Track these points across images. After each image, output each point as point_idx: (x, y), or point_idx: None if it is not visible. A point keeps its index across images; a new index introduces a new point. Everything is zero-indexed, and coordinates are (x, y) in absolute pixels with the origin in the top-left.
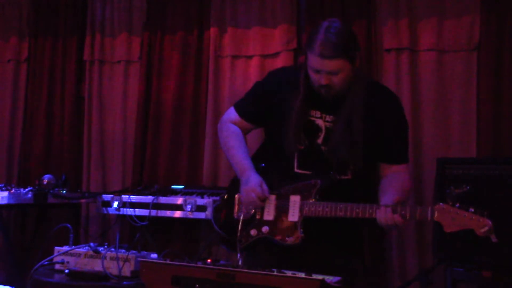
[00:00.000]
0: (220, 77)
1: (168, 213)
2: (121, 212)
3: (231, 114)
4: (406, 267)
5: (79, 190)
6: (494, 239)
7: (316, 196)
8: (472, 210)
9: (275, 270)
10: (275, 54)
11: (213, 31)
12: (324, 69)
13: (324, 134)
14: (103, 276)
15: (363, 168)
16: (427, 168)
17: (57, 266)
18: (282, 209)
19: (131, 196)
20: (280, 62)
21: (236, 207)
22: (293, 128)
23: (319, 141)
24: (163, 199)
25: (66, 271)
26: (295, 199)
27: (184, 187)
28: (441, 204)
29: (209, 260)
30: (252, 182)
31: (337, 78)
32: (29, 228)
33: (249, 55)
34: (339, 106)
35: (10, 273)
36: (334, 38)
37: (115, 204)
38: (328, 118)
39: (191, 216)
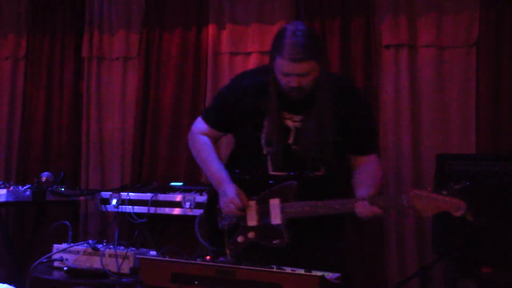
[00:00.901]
0: (219, 73)
1: (167, 210)
2: (120, 210)
3: (200, 124)
4: (406, 264)
5: (77, 188)
6: (470, 218)
7: (295, 197)
8: (445, 192)
9: (274, 266)
10: None
11: (211, 27)
12: (294, 72)
13: (294, 134)
14: (102, 273)
15: (335, 163)
16: (426, 164)
17: (56, 264)
18: (264, 214)
19: (130, 193)
20: None
21: (219, 218)
22: (275, 130)
23: (290, 141)
24: (162, 196)
25: (65, 268)
26: (274, 203)
27: (183, 184)
28: (415, 190)
29: (208, 257)
30: (230, 193)
31: (307, 79)
32: (28, 225)
33: (248, 51)
34: (306, 105)
35: (9, 271)
36: (302, 41)
37: (114, 201)
38: (296, 118)
39: (190, 213)
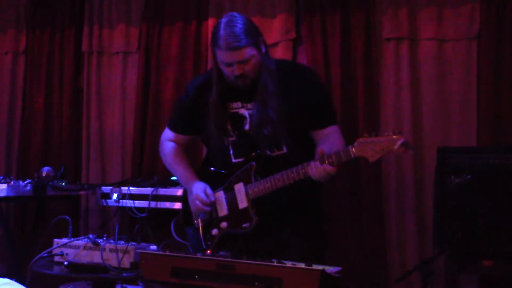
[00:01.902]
0: None
1: (167, 205)
2: (120, 204)
3: (167, 132)
4: (406, 257)
5: (78, 182)
6: (411, 151)
7: (256, 177)
8: (386, 133)
9: (275, 260)
10: (274, 44)
11: (211, 22)
12: (234, 60)
13: (249, 120)
14: (102, 268)
15: (299, 140)
16: (427, 157)
17: (57, 258)
18: (232, 201)
19: (131, 188)
20: (279, 52)
21: (193, 216)
22: (214, 121)
23: (247, 128)
24: (162, 191)
25: (66, 263)
26: (239, 187)
27: None
28: (358, 139)
29: (208, 251)
30: (194, 191)
31: (248, 66)
32: (28, 220)
33: None
34: (255, 92)
35: (10, 266)
36: (236, 30)
37: (115, 196)
38: (250, 106)
39: None
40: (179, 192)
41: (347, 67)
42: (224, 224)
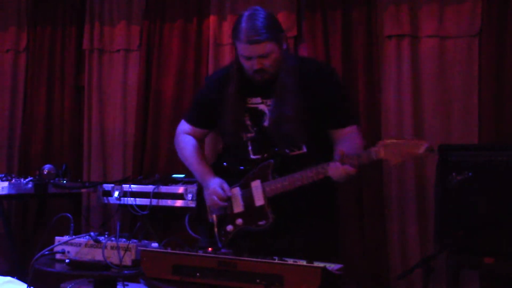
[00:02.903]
0: (220, 65)
1: (169, 202)
2: (122, 202)
3: (183, 125)
4: (408, 255)
5: (79, 180)
6: (435, 155)
7: (274, 175)
8: (409, 137)
9: (276, 258)
10: None
11: (212, 19)
12: (255, 54)
13: (268, 117)
14: (103, 266)
15: (318, 140)
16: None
17: (58, 256)
18: (248, 198)
19: (132, 186)
20: None
21: (208, 212)
22: (232, 116)
23: (266, 124)
24: (164, 188)
25: (67, 260)
26: (255, 184)
27: (185, 176)
28: (381, 141)
29: (210, 249)
30: (211, 186)
31: (268, 60)
32: (30, 218)
33: None
34: (275, 88)
35: (12, 264)
36: (258, 23)
37: (116, 193)
38: (269, 102)
39: (192, 205)
40: (181, 189)
41: (348, 65)
42: (239, 221)
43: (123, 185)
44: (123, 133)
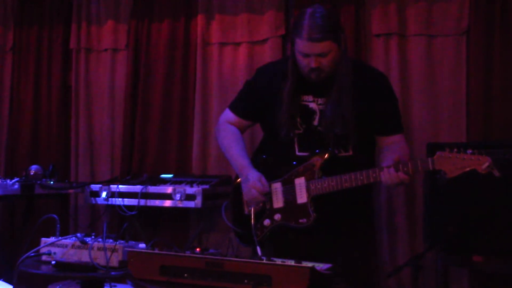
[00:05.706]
0: (208, 64)
1: (157, 203)
2: (109, 202)
3: (228, 115)
4: (397, 253)
5: (67, 180)
6: (496, 173)
7: (320, 174)
8: (471, 151)
9: (264, 258)
10: (264, 41)
11: (200, 18)
12: (313, 52)
13: (318, 116)
14: (90, 267)
15: (363, 144)
16: (417, 152)
17: (44, 258)
18: (289, 194)
19: (120, 186)
20: (268, 48)
21: (245, 203)
22: (287, 112)
23: (315, 123)
24: (152, 189)
25: (53, 262)
26: (300, 182)
27: (173, 176)
28: (438, 152)
29: (197, 249)
30: (251, 179)
31: (326, 60)
32: (17, 219)
33: (237, 42)
34: (329, 88)
35: None
36: (321, 22)
37: (104, 194)
38: (321, 101)
39: (181, 205)
40: (169, 190)
41: None
42: (278, 216)
43: (111, 186)
44: (111, 132)
